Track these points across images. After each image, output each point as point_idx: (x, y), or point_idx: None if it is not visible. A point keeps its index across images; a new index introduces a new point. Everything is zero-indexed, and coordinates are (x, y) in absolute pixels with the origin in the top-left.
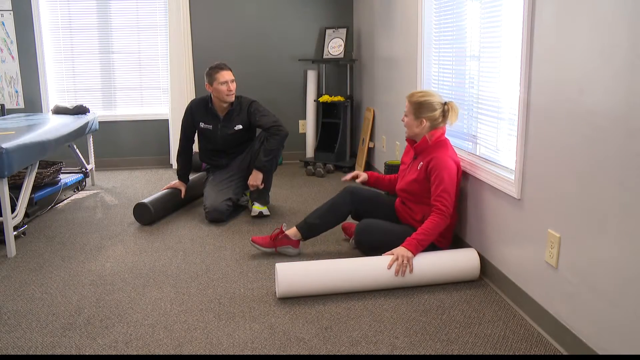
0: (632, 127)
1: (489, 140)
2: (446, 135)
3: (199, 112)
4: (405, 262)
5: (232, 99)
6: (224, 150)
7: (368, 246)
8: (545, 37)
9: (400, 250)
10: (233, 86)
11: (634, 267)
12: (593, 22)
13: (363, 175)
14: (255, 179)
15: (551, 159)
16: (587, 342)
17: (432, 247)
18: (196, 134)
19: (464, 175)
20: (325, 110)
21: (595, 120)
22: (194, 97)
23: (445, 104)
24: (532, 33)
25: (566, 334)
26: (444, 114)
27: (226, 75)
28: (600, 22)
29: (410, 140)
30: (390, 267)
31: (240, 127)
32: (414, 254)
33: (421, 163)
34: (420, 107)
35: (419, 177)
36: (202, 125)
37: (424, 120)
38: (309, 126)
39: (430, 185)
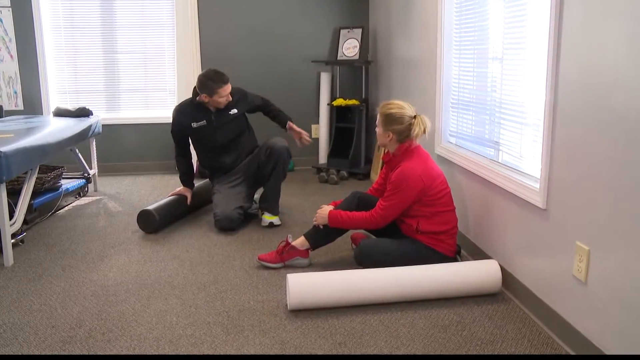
0: None
1: (513, 146)
2: (465, 140)
3: (186, 115)
4: (319, 218)
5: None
6: (223, 146)
7: (370, 267)
8: (574, 37)
9: (323, 212)
10: (230, 96)
11: None
12: (626, 21)
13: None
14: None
15: (579, 167)
16: None
17: (434, 253)
18: (190, 141)
19: (484, 184)
20: (339, 115)
21: (627, 125)
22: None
23: (414, 117)
24: (560, 33)
25: (595, 352)
26: (411, 127)
27: (228, 89)
28: (634, 21)
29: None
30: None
31: (235, 111)
32: (330, 222)
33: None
34: (387, 119)
35: None
36: (194, 125)
37: (390, 133)
38: (322, 131)
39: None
